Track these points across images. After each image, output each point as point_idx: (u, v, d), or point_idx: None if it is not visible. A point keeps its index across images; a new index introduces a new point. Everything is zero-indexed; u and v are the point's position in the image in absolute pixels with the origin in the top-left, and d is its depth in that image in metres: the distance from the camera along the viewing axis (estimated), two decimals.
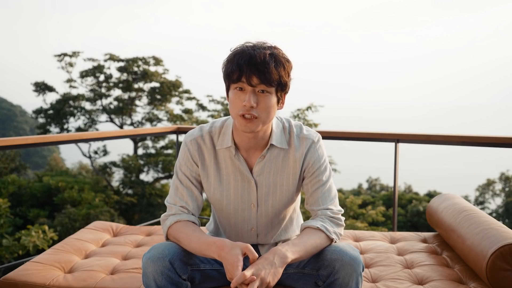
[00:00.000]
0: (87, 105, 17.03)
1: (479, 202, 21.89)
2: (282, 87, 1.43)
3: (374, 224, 11.13)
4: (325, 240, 1.44)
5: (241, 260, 1.29)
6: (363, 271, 1.41)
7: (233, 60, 1.40)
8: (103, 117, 17.11)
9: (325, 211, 1.51)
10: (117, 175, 15.98)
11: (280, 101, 1.47)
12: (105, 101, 17.01)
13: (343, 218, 1.53)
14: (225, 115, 15.03)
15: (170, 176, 15.19)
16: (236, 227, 1.62)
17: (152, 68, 16.79)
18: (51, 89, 16.83)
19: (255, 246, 1.69)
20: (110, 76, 16.82)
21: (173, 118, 16.23)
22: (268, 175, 1.56)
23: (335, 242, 1.47)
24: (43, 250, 7.35)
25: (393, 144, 2.88)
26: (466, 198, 20.11)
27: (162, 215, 1.56)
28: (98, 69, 16.60)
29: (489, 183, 21.97)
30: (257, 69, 1.36)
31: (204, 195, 1.72)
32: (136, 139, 15.97)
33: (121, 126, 16.99)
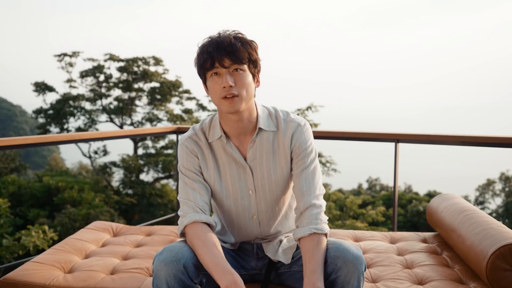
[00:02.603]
0: (87, 105, 16.99)
1: (479, 202, 21.88)
2: (254, 64, 1.51)
3: (374, 224, 11.11)
4: (322, 239, 1.46)
5: None
6: (365, 270, 1.42)
7: (202, 51, 1.48)
8: (103, 117, 17.08)
9: (311, 209, 1.52)
10: (117, 175, 15.96)
11: (255, 79, 1.54)
12: (105, 101, 16.99)
13: (324, 203, 1.57)
14: None
15: (170, 176, 15.17)
16: (238, 218, 1.65)
17: (152, 68, 16.76)
18: (51, 89, 16.80)
19: (259, 245, 1.70)
20: (110, 76, 16.79)
21: (173, 118, 16.20)
22: (261, 160, 1.60)
23: (328, 232, 1.50)
24: (43, 250, 7.35)
25: (393, 144, 2.88)
26: (466, 198, 20.10)
27: (179, 211, 1.56)
28: (98, 69, 16.58)
29: (489, 183, 21.95)
30: (226, 51, 1.44)
31: None
32: (136, 139, 15.95)
33: (121, 126, 16.98)
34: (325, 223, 1.52)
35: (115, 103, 16.86)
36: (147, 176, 15.76)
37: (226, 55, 1.44)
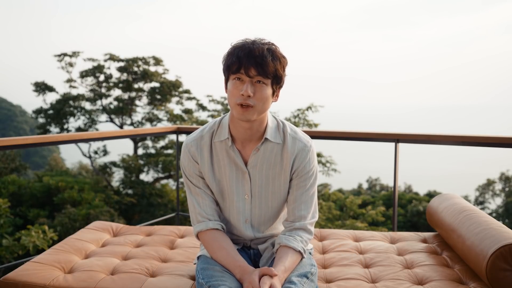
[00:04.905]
0: (87, 105, 16.98)
1: (479, 202, 21.88)
2: (277, 80, 1.53)
3: (374, 224, 11.11)
4: (300, 257, 1.58)
5: (256, 281, 1.41)
6: None
7: (233, 53, 1.50)
8: (103, 117, 17.07)
9: (303, 224, 1.62)
10: (117, 175, 15.95)
11: (275, 94, 1.56)
12: (105, 101, 16.98)
13: (313, 228, 1.66)
14: None
15: (170, 176, 15.17)
16: (231, 218, 1.68)
17: (152, 68, 16.76)
18: (51, 89, 16.78)
19: (256, 250, 1.73)
20: (110, 76, 16.78)
21: (173, 118, 16.19)
22: (261, 168, 1.63)
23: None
24: (43, 250, 7.34)
25: (393, 144, 2.87)
26: (466, 198, 20.10)
27: (192, 218, 1.65)
28: (98, 69, 16.56)
29: (489, 183, 21.96)
30: (255, 61, 1.46)
31: None
32: (136, 139, 15.94)
33: (121, 126, 16.97)
34: (310, 249, 1.74)
35: (115, 103, 16.85)
36: (147, 176, 15.77)
37: (254, 65, 1.46)
